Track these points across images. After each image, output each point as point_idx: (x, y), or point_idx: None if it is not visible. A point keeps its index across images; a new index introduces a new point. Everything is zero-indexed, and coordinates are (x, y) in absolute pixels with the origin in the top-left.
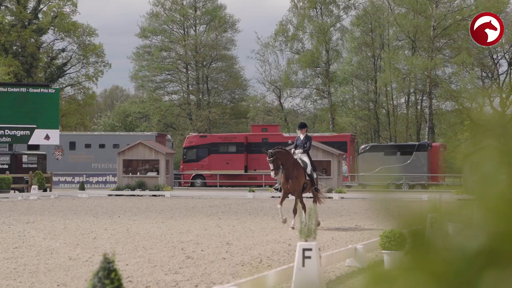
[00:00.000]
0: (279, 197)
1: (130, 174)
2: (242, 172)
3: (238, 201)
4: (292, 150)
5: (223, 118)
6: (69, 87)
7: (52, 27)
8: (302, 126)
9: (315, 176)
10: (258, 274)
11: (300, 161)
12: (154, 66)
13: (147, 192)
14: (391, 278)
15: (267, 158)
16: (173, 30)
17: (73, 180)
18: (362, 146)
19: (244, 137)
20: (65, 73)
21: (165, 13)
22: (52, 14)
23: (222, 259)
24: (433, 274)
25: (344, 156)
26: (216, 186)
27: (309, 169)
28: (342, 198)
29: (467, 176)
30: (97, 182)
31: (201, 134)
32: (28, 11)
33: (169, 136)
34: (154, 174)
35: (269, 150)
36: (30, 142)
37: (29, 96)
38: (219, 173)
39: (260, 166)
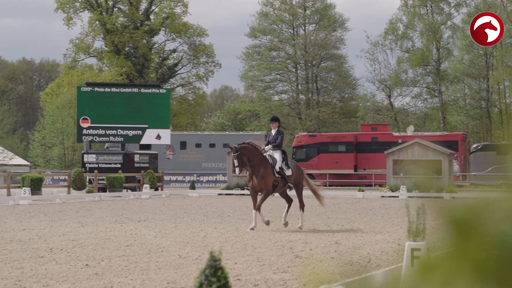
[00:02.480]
0: (390, 196)
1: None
2: (351, 171)
3: (348, 200)
4: (262, 147)
5: (333, 118)
6: (180, 87)
7: (164, 28)
8: (274, 119)
9: (288, 173)
10: (366, 274)
11: (269, 158)
12: (264, 66)
13: None
14: (434, 265)
15: (232, 154)
16: (282, 30)
17: (183, 179)
18: (474, 145)
19: (354, 136)
20: (176, 73)
21: (275, 12)
22: (163, 15)
23: (331, 258)
24: (473, 262)
25: (455, 155)
26: (325, 185)
27: (277, 166)
28: (453, 198)
29: None
30: (208, 181)
31: (310, 133)
32: (140, 13)
33: None
34: None
35: (234, 145)
36: (142, 142)
37: (141, 96)
38: (329, 172)
39: (370, 165)
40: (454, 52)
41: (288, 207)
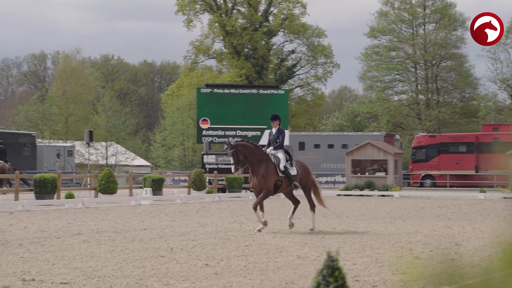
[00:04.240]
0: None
1: (359, 174)
2: (472, 172)
3: (468, 201)
4: (264, 148)
5: (453, 118)
6: (298, 88)
7: (282, 29)
8: (274, 118)
9: (293, 172)
10: (487, 276)
11: (272, 156)
12: (383, 66)
13: (375, 192)
14: None
15: (228, 151)
16: (401, 30)
17: None
18: None
19: (475, 137)
20: (295, 74)
21: (394, 12)
22: (282, 16)
23: (451, 260)
24: None
25: None
26: (446, 186)
27: (282, 165)
28: None
29: None
30: (326, 182)
31: (430, 134)
32: (259, 14)
33: (397, 136)
34: (382, 174)
35: (231, 142)
36: (261, 142)
37: (260, 97)
38: (449, 173)
39: (492, 166)
40: None
41: (295, 208)
